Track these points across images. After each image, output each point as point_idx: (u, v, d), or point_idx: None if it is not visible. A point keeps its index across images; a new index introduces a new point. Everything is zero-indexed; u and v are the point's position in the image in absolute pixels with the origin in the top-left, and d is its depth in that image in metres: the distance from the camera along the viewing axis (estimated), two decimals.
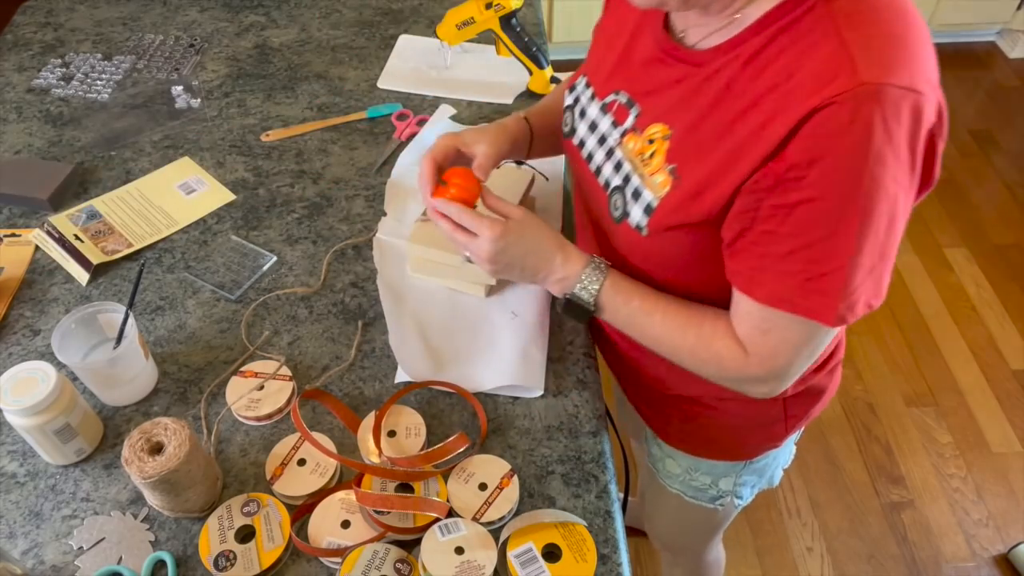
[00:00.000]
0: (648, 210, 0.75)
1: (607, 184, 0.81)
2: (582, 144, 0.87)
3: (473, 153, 0.88)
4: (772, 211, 0.67)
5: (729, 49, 0.69)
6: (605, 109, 0.83)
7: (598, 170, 0.83)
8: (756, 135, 0.66)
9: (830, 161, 0.62)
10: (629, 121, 0.79)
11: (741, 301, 0.74)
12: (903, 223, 0.67)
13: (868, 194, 0.63)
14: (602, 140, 0.83)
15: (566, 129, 0.91)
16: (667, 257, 0.79)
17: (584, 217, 0.94)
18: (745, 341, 0.76)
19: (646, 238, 0.77)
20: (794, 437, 1.05)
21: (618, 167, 0.80)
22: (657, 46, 0.77)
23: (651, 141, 0.76)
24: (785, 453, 1.08)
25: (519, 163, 1.15)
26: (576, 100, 0.89)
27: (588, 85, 0.87)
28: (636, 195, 0.77)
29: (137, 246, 1.08)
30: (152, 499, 0.79)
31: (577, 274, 0.82)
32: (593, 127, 0.85)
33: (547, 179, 1.18)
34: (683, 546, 1.36)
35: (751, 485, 1.09)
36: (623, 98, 0.81)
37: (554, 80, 1.35)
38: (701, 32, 0.72)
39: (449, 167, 0.86)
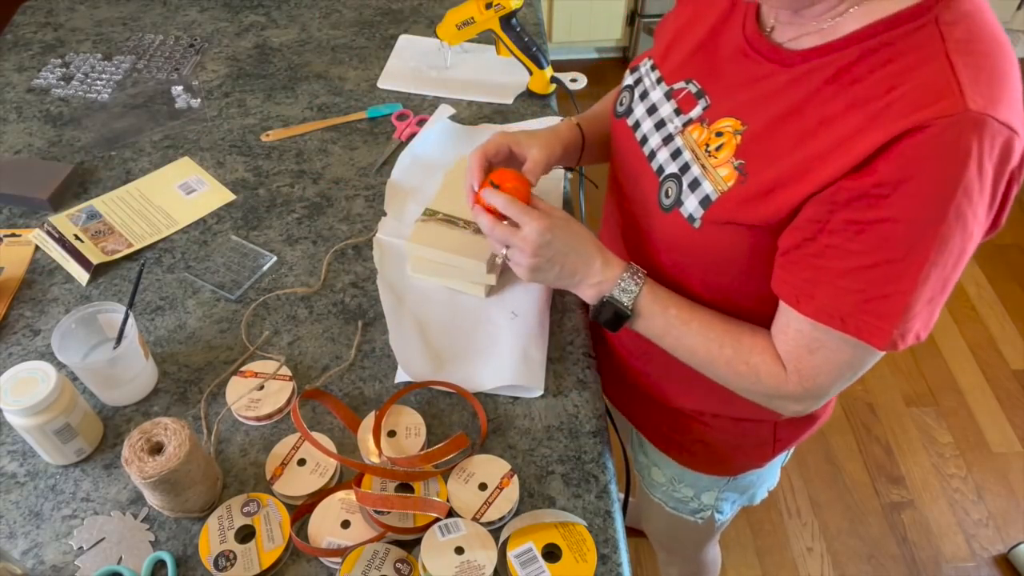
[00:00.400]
0: (705, 202, 0.73)
1: (660, 170, 0.79)
2: (637, 126, 0.84)
3: (525, 155, 0.87)
4: (844, 225, 0.64)
5: (824, 53, 0.67)
6: (670, 96, 0.81)
7: (652, 154, 0.81)
8: (841, 145, 0.63)
9: (919, 184, 0.60)
10: (696, 111, 0.77)
11: (789, 317, 0.72)
12: (968, 258, 0.65)
13: (949, 224, 0.61)
14: (660, 125, 0.81)
15: (620, 108, 0.88)
16: (711, 254, 0.76)
17: (614, 206, 0.92)
18: (786, 358, 0.74)
19: (696, 230, 0.74)
20: (780, 461, 1.04)
21: (676, 154, 0.77)
22: (745, 40, 0.74)
23: (719, 134, 0.74)
24: (771, 476, 1.07)
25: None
26: (638, 81, 0.87)
27: (654, 68, 0.85)
28: (694, 185, 0.75)
29: (137, 246, 1.08)
30: (152, 499, 0.79)
31: (614, 279, 0.80)
32: (653, 110, 0.83)
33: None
34: (677, 548, 1.36)
35: (732, 501, 1.08)
36: (693, 88, 0.79)
37: (554, 80, 1.34)
38: (792, 31, 0.70)
39: (499, 165, 0.86)
